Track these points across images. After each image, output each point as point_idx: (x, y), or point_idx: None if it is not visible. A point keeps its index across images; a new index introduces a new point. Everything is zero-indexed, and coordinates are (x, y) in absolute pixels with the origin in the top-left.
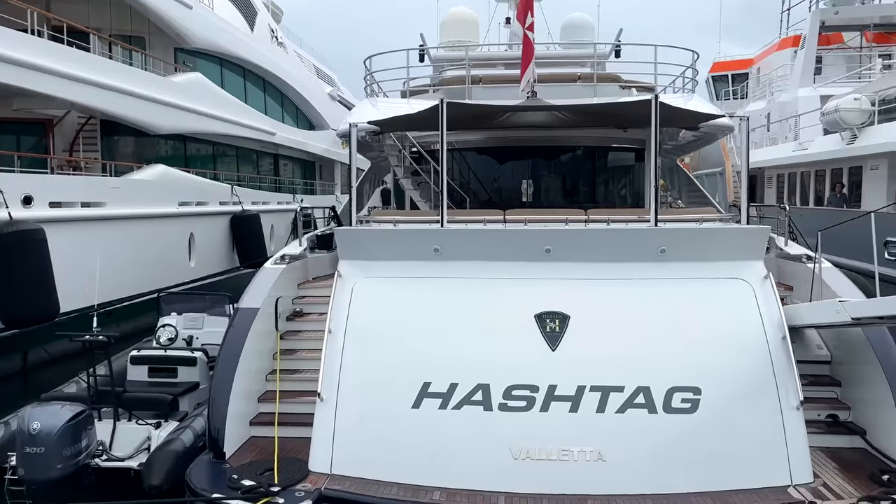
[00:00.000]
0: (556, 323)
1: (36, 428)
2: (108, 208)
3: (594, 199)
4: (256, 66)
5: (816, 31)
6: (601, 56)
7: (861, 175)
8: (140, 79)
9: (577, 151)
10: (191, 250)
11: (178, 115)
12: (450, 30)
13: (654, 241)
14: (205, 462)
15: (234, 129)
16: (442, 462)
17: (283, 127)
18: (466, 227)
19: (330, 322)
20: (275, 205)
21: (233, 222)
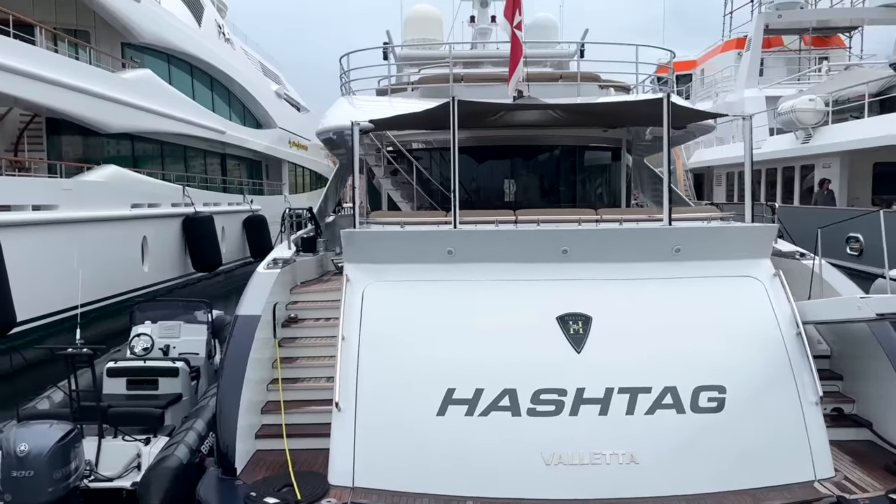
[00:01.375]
0: (579, 325)
1: (24, 450)
2: (60, 211)
3: (574, 198)
4: (204, 63)
5: (761, 33)
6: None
7: (813, 173)
8: (89, 74)
9: (556, 151)
10: (143, 254)
11: (129, 114)
12: (413, 27)
13: (669, 240)
14: (215, 479)
15: (185, 127)
16: (472, 470)
17: (232, 125)
18: (481, 228)
19: (342, 328)
20: (225, 206)
21: (185, 225)
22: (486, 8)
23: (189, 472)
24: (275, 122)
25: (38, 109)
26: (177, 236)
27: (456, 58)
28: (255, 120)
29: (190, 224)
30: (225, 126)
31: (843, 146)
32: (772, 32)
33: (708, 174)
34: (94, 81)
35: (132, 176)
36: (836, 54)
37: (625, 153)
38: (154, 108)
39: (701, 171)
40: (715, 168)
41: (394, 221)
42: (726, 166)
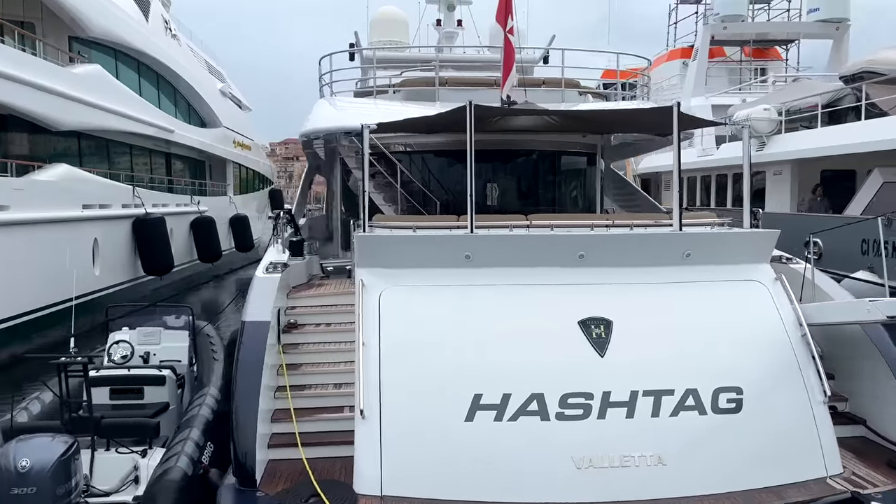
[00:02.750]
0: (601, 328)
1: (25, 465)
2: (11, 212)
3: (553, 201)
4: (152, 59)
5: (707, 44)
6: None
7: (764, 179)
8: (41, 69)
9: (534, 156)
10: (94, 257)
11: (81, 110)
12: (379, 29)
13: (680, 245)
14: (234, 491)
15: (135, 125)
16: (503, 476)
17: (179, 124)
18: (498, 233)
19: (361, 334)
20: (174, 207)
21: (135, 226)
22: (453, 12)
23: (194, 484)
24: (220, 121)
25: None
26: (127, 238)
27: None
28: (200, 118)
29: (140, 226)
30: (173, 125)
31: (795, 154)
32: (716, 44)
33: (655, 179)
34: (45, 76)
35: (83, 175)
36: (774, 66)
37: (599, 158)
38: (105, 105)
39: (648, 177)
40: (663, 174)
41: (405, 226)
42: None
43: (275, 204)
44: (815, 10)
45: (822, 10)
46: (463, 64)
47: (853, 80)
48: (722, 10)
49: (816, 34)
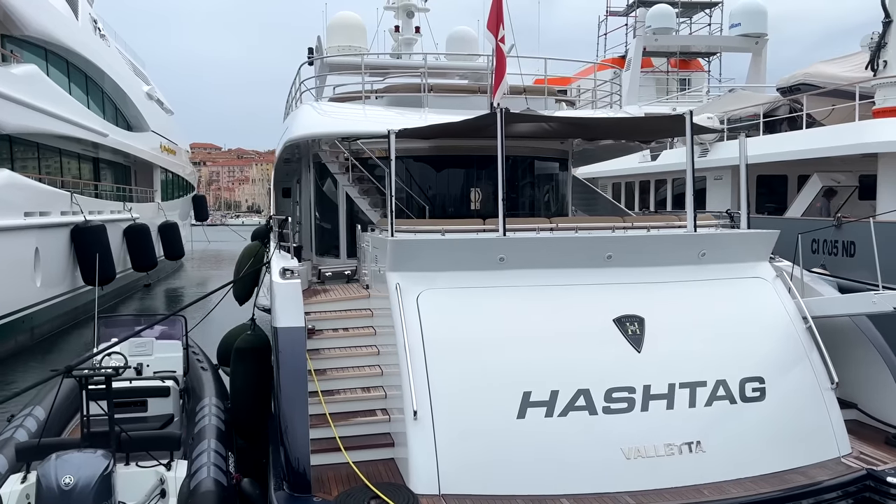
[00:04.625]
0: (635, 325)
1: (69, 483)
2: None
3: (532, 205)
4: (82, 60)
5: (640, 55)
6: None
7: (705, 183)
8: None
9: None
10: (36, 268)
11: (23, 113)
12: (338, 35)
13: (696, 245)
14: (289, 498)
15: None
16: (558, 469)
17: (111, 128)
18: (530, 235)
19: (403, 336)
20: (108, 214)
21: (74, 235)
22: (412, 19)
23: (230, 494)
24: (147, 124)
25: None
26: (66, 247)
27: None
28: (126, 122)
29: (80, 234)
30: (106, 128)
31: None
32: (646, 55)
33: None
34: None
35: (25, 182)
36: (696, 76)
37: (571, 164)
38: (44, 108)
39: (587, 181)
40: (600, 179)
41: (432, 229)
42: (612, 177)
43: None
44: (737, 25)
45: (743, 25)
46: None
47: (790, 92)
48: (654, 23)
49: (738, 48)
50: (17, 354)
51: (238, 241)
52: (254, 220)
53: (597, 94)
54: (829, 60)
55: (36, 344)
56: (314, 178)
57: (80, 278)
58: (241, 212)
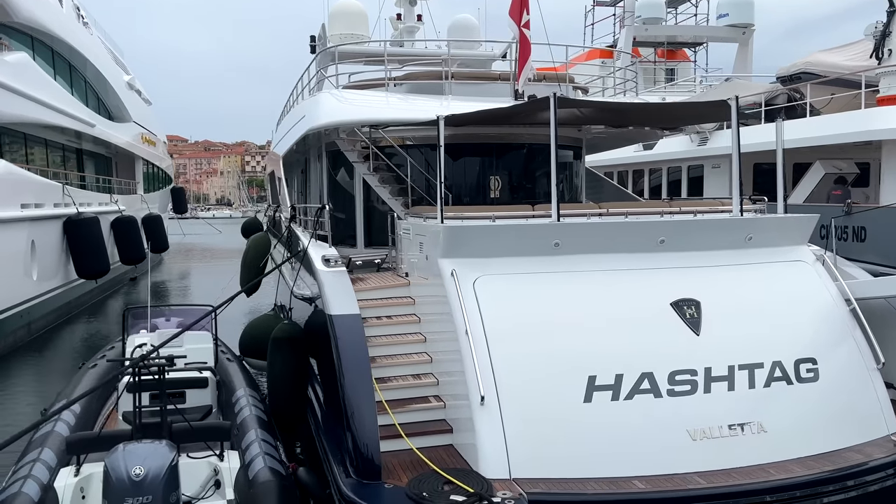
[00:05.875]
0: (692, 309)
1: (139, 473)
2: None
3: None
4: (67, 48)
5: (630, 45)
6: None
7: (702, 171)
8: None
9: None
10: (32, 260)
11: (16, 101)
12: (339, 22)
13: (744, 229)
14: (359, 485)
15: (60, 119)
16: (626, 451)
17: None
18: (583, 221)
19: (463, 322)
20: (96, 206)
21: (67, 227)
22: (414, 7)
23: (289, 483)
24: (129, 114)
25: None
26: (59, 240)
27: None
28: (108, 112)
29: (73, 226)
30: (92, 118)
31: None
32: (635, 45)
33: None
34: None
35: (20, 172)
36: (682, 67)
37: (584, 151)
38: (35, 97)
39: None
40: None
41: (481, 216)
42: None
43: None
44: (725, 16)
45: (730, 15)
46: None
47: (790, 81)
48: (643, 13)
49: (725, 38)
50: (16, 350)
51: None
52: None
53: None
54: (828, 50)
55: (33, 339)
56: (327, 167)
57: (73, 271)
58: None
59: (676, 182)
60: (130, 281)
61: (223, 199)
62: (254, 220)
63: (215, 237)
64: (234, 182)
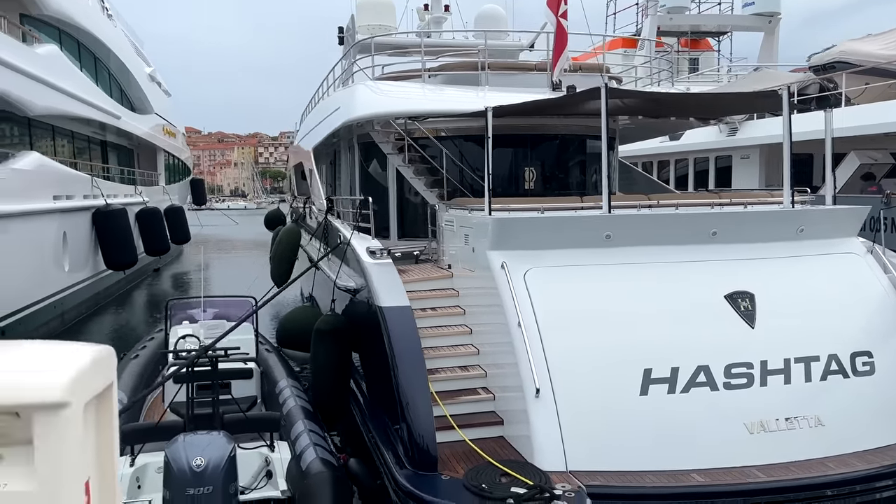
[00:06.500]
0: (746, 301)
1: (200, 464)
2: None
3: (584, 184)
4: (93, 40)
5: (654, 34)
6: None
7: (730, 162)
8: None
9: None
10: (64, 252)
11: (50, 94)
12: (366, 13)
13: (796, 221)
14: (422, 478)
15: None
16: (682, 444)
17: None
18: (637, 212)
19: (516, 314)
20: (122, 198)
21: (95, 218)
22: None
23: (341, 474)
24: (151, 106)
25: None
26: (89, 231)
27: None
28: (131, 103)
29: (102, 218)
30: (117, 110)
31: (765, 139)
32: (661, 34)
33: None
34: (17, 56)
35: (52, 164)
36: (706, 57)
37: (618, 142)
38: (67, 89)
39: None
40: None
41: (528, 207)
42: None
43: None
44: (751, 4)
45: (756, 4)
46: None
47: (824, 70)
48: (668, 2)
49: (750, 27)
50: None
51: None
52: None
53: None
54: (861, 38)
55: (66, 329)
56: (359, 159)
57: (101, 263)
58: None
59: (703, 172)
60: (154, 272)
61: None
62: (277, 212)
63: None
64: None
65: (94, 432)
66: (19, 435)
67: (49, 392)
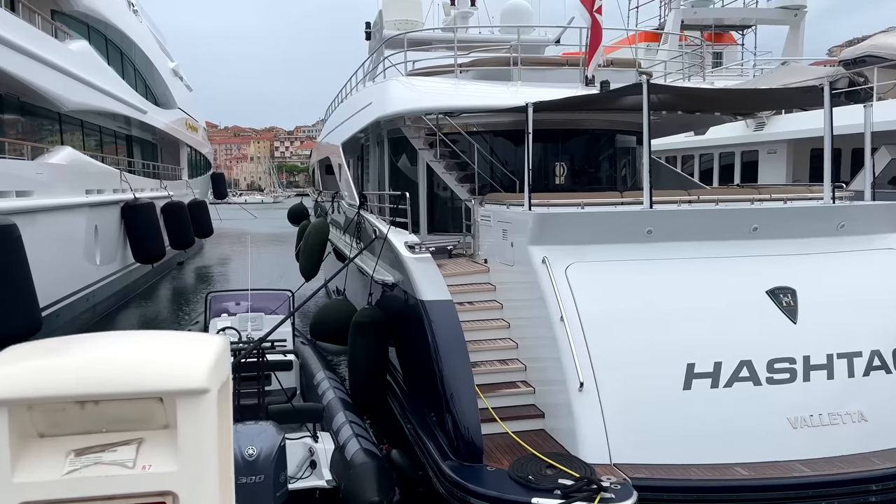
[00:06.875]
0: (788, 297)
1: (252, 453)
2: (35, 198)
3: (616, 180)
4: (119, 35)
5: (678, 28)
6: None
7: (756, 157)
8: (46, 43)
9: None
10: (95, 246)
11: (83, 90)
12: (393, 8)
13: (836, 217)
14: (468, 469)
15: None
16: (728, 438)
17: (148, 105)
18: (678, 207)
19: (558, 308)
20: (149, 192)
21: (124, 212)
22: None
23: (385, 464)
24: (175, 101)
25: (6, 81)
26: (118, 225)
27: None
28: (155, 98)
29: (130, 212)
30: (144, 105)
31: (793, 134)
32: (685, 28)
33: None
34: (52, 51)
35: (84, 159)
36: (729, 50)
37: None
38: (98, 85)
39: None
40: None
41: (568, 202)
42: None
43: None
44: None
45: None
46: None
47: (854, 64)
48: None
49: (776, 20)
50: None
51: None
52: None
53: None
54: (891, 32)
55: (97, 322)
56: (388, 154)
57: (129, 256)
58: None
59: (728, 167)
60: (178, 265)
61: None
62: (300, 207)
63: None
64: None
65: (221, 416)
66: (160, 419)
67: (194, 379)
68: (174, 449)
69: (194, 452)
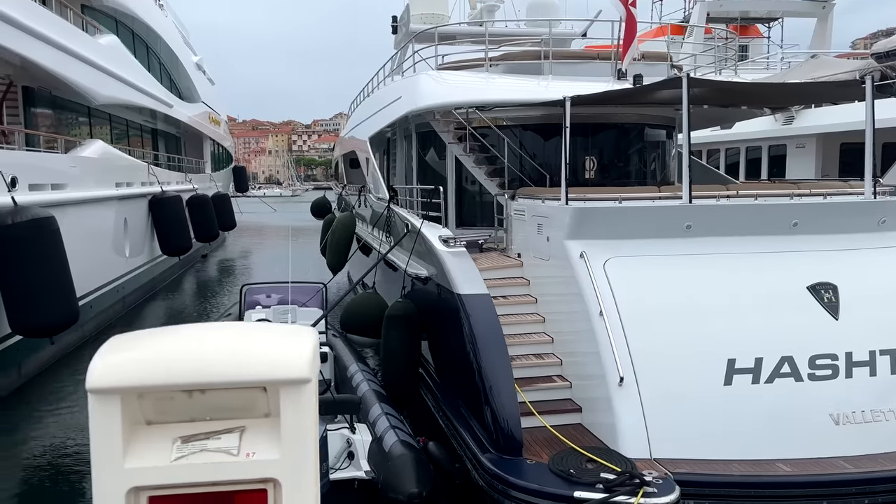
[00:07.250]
0: (830, 293)
1: None
2: (69, 191)
3: (645, 174)
4: (145, 29)
5: (704, 21)
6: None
7: (784, 151)
8: (78, 37)
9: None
10: (125, 237)
11: (113, 84)
12: (420, 2)
13: (878, 212)
14: (506, 461)
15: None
16: (770, 435)
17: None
18: (717, 202)
19: (597, 303)
20: (175, 185)
21: (152, 205)
22: None
23: (422, 456)
24: (199, 95)
25: (35, 73)
26: (146, 218)
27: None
28: (179, 92)
29: (158, 205)
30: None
31: (823, 129)
32: (711, 20)
33: None
34: (83, 45)
35: (114, 152)
36: (755, 44)
37: (676, 131)
38: (127, 79)
39: None
40: None
41: (605, 197)
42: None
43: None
44: None
45: None
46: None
47: (886, 58)
48: None
49: (803, 13)
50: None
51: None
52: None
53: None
54: None
55: (126, 313)
56: (416, 148)
57: (157, 248)
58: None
59: (755, 161)
60: (202, 258)
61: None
62: (323, 201)
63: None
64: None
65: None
66: (262, 408)
67: (298, 369)
68: (276, 437)
69: (296, 440)
